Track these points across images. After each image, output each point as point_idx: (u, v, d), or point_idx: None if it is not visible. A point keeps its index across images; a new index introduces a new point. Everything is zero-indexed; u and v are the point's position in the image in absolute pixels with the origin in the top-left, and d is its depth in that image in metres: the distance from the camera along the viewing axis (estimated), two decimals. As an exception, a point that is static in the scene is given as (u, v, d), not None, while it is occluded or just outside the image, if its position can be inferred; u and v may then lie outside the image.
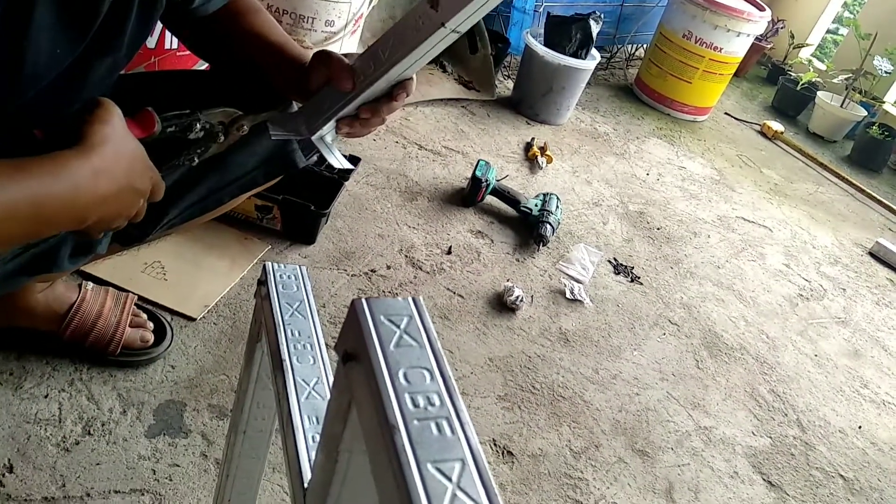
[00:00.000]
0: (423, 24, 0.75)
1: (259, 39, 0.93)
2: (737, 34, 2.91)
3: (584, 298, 1.76)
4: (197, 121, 0.81)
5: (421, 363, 0.39)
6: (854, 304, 2.19)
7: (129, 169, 0.68)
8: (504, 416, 1.37)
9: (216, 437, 1.13)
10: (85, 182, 0.63)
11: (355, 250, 1.65)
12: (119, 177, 0.67)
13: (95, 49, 0.75)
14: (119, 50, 0.79)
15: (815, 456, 1.55)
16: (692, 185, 2.58)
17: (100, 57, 0.77)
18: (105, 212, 0.68)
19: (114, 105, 0.69)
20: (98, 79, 0.80)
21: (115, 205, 0.69)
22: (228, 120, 0.85)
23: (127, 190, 0.69)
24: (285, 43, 0.93)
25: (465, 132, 2.37)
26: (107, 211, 0.68)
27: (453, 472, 0.34)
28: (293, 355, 0.62)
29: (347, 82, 0.82)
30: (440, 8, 0.73)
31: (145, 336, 1.19)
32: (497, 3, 0.74)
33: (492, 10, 3.04)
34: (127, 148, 0.69)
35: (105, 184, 0.65)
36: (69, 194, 0.62)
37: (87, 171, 0.63)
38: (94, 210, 0.66)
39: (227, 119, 0.85)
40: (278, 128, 0.87)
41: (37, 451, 1.02)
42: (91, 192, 0.64)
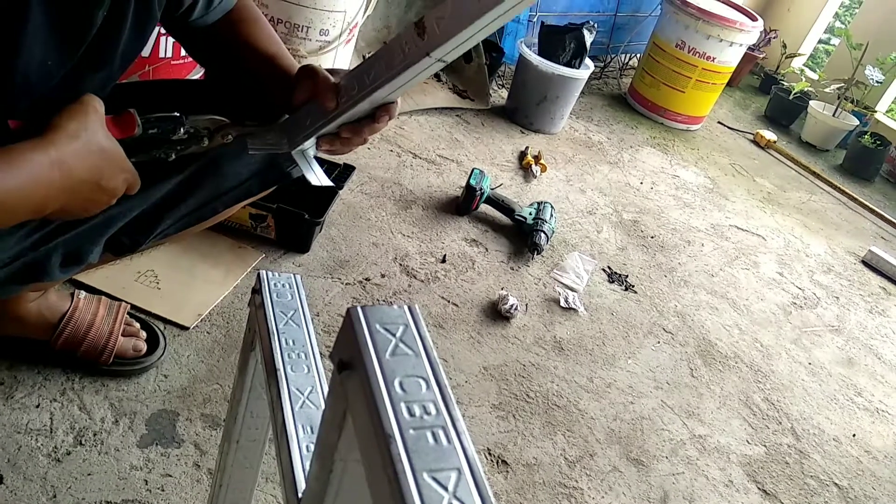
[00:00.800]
0: (410, 51, 0.74)
1: (253, 51, 0.93)
2: (729, 44, 2.93)
3: (579, 307, 1.76)
4: (182, 125, 0.80)
5: (417, 372, 0.39)
6: (847, 312, 2.20)
7: (95, 166, 0.68)
8: (498, 425, 1.36)
9: (209, 446, 1.12)
10: (43, 173, 0.63)
11: (349, 259, 1.65)
12: (81, 171, 0.67)
13: (88, 62, 0.75)
14: (112, 63, 0.79)
15: (809, 464, 1.55)
16: (686, 194, 2.59)
17: (92, 71, 0.77)
18: (64, 204, 0.68)
19: (94, 101, 0.69)
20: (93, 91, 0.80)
21: (76, 199, 0.68)
22: (214, 127, 0.85)
23: (90, 186, 0.69)
24: (278, 55, 0.93)
25: (460, 141, 2.37)
26: (67, 204, 0.68)
27: (449, 482, 0.34)
28: (287, 364, 0.62)
29: (331, 101, 0.81)
30: (427, 37, 0.72)
31: (138, 345, 1.18)
32: (483, 36, 0.74)
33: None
34: (97, 144, 0.68)
35: (64, 177, 0.65)
36: (27, 186, 0.62)
37: (45, 163, 0.63)
38: (54, 201, 0.66)
39: (214, 126, 0.85)
40: (257, 141, 0.86)
41: (28, 461, 1.01)
42: (48, 184, 0.64)
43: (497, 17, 0.69)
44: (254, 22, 0.95)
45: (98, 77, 0.78)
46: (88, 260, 0.88)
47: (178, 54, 1.64)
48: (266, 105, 0.93)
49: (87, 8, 0.70)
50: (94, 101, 0.69)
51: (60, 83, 0.73)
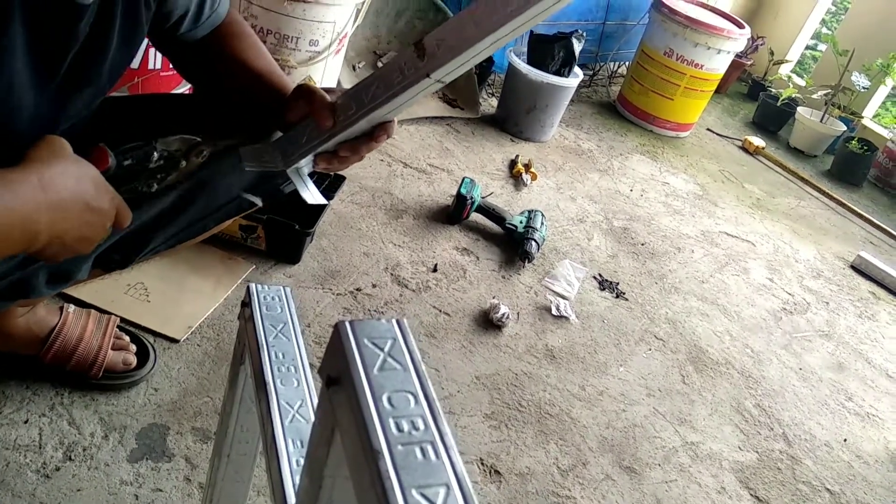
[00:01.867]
0: (409, 72, 0.75)
1: (243, 66, 0.92)
2: (717, 51, 2.95)
3: (570, 315, 1.76)
4: (153, 150, 0.80)
5: (405, 387, 0.39)
6: (837, 317, 2.21)
7: (77, 185, 0.67)
8: (491, 435, 1.36)
9: (200, 460, 1.11)
10: (29, 192, 0.62)
11: (340, 269, 1.64)
12: (65, 191, 0.65)
13: (75, 79, 0.75)
14: (99, 79, 0.78)
15: (801, 470, 1.55)
16: (675, 201, 2.60)
17: (78, 88, 0.77)
18: (58, 229, 0.66)
19: (59, 137, 0.68)
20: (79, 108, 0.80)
21: (68, 221, 0.67)
22: (186, 147, 0.84)
23: (79, 206, 0.67)
24: (268, 71, 0.93)
25: (450, 150, 2.38)
26: (60, 228, 0.66)
27: (438, 498, 0.34)
28: (277, 378, 0.61)
29: (328, 120, 0.81)
30: (427, 58, 0.73)
31: (128, 359, 1.17)
32: (482, 58, 0.75)
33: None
34: (73, 168, 0.67)
35: (49, 198, 0.64)
36: (15, 208, 0.61)
37: (29, 185, 0.62)
38: (44, 225, 0.64)
39: (185, 146, 0.84)
40: (252, 158, 0.86)
41: (16, 478, 1.01)
42: (36, 202, 0.63)
43: (497, 40, 0.70)
44: (243, 37, 0.95)
45: (86, 94, 0.78)
46: (77, 277, 0.87)
47: (168, 66, 1.63)
48: (256, 121, 0.93)
49: (69, 21, 0.69)
50: (59, 138, 0.68)
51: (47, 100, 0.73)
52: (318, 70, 1.98)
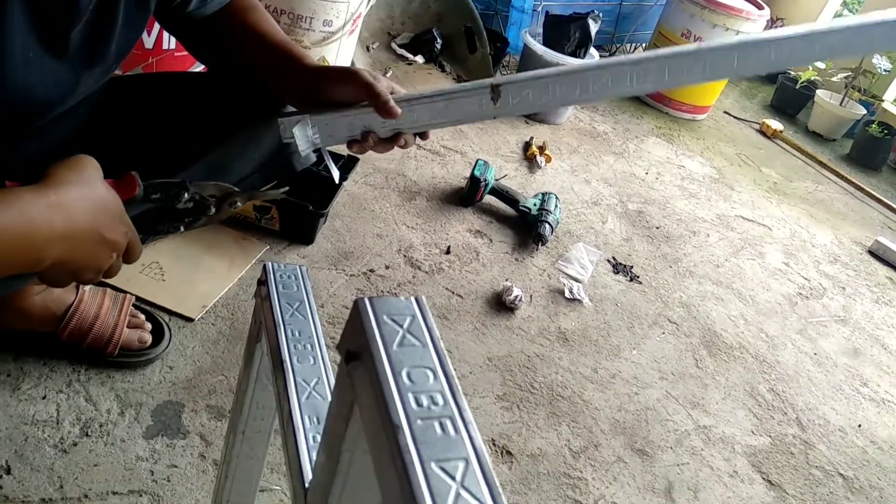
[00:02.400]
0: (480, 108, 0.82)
1: (258, 39, 0.90)
2: (735, 33, 2.91)
3: (583, 298, 1.75)
4: (186, 190, 0.78)
5: (424, 363, 0.39)
6: (853, 302, 2.19)
7: (94, 214, 0.65)
8: (503, 416, 1.37)
9: (214, 437, 1.12)
10: (39, 216, 0.60)
11: (354, 250, 1.65)
12: (81, 218, 0.64)
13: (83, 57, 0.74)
14: (107, 57, 0.78)
15: (814, 455, 1.55)
16: (691, 184, 2.58)
17: (88, 66, 0.76)
18: (66, 254, 0.64)
19: (90, 158, 0.67)
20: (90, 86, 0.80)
21: (78, 250, 0.65)
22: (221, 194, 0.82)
23: (91, 235, 0.65)
24: (284, 41, 0.91)
25: (464, 132, 2.37)
26: (68, 254, 0.64)
27: (457, 472, 0.33)
28: (293, 355, 0.62)
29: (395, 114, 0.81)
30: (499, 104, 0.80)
31: (143, 337, 1.18)
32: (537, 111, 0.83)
33: (490, 10, 3.02)
34: (95, 194, 0.65)
35: (62, 221, 0.62)
36: (22, 227, 0.58)
37: (42, 205, 0.60)
38: (52, 248, 0.62)
39: (220, 193, 0.82)
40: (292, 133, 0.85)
41: (34, 452, 1.02)
42: (47, 227, 0.61)
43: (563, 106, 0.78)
44: (255, 10, 0.93)
45: (95, 72, 0.78)
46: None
47: (181, 47, 1.63)
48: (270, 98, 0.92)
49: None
50: (89, 158, 0.67)
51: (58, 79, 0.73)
52: (331, 50, 1.97)
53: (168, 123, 0.91)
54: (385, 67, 2.44)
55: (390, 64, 2.48)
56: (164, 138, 0.90)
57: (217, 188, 0.82)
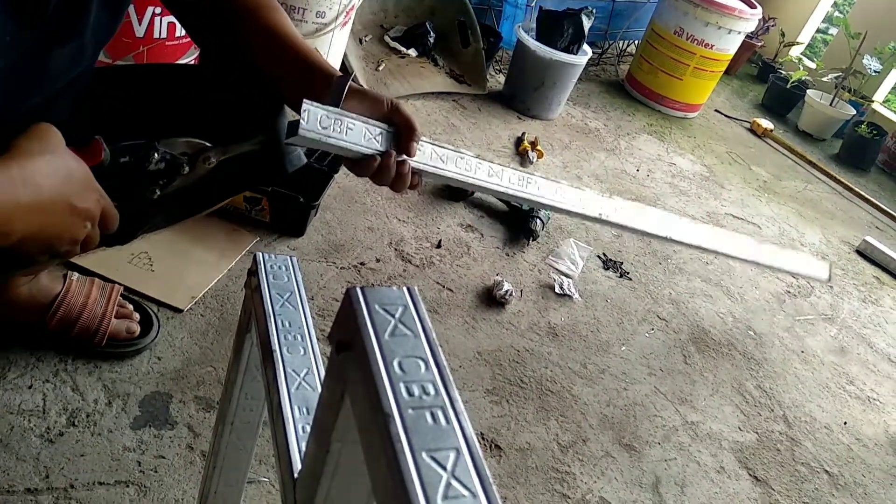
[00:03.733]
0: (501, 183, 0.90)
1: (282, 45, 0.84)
2: (728, 31, 2.92)
3: (573, 293, 1.76)
4: (155, 150, 0.75)
5: (416, 353, 0.38)
6: (841, 301, 2.21)
7: (61, 183, 0.63)
8: (492, 410, 1.37)
9: (202, 428, 1.12)
10: (6, 190, 0.58)
11: (344, 243, 1.64)
12: (47, 188, 0.62)
13: (54, 33, 0.71)
14: (82, 35, 0.74)
15: (800, 451, 1.56)
16: (682, 182, 2.59)
17: (59, 43, 0.73)
18: (35, 227, 0.62)
19: (51, 126, 0.65)
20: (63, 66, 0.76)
21: (48, 221, 0.63)
22: (192, 151, 0.78)
23: (60, 206, 0.64)
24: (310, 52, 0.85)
25: (456, 126, 2.36)
26: (37, 226, 0.63)
27: (448, 461, 0.33)
28: (283, 346, 0.61)
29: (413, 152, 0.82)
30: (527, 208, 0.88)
31: (131, 327, 1.17)
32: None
33: (484, 4, 3.01)
34: (59, 162, 0.64)
35: (27, 193, 0.60)
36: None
37: (4, 179, 0.58)
38: (18, 222, 0.60)
39: (192, 150, 0.78)
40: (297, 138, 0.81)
41: (20, 441, 1.01)
42: (10, 201, 0.59)
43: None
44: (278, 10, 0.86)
45: (68, 48, 0.74)
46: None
47: (173, 35, 1.62)
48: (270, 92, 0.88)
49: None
50: (50, 126, 0.65)
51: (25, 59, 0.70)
52: (324, 42, 1.96)
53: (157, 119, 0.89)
54: (378, 60, 2.43)
55: (383, 57, 2.47)
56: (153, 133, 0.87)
57: (188, 145, 0.78)
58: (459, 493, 0.32)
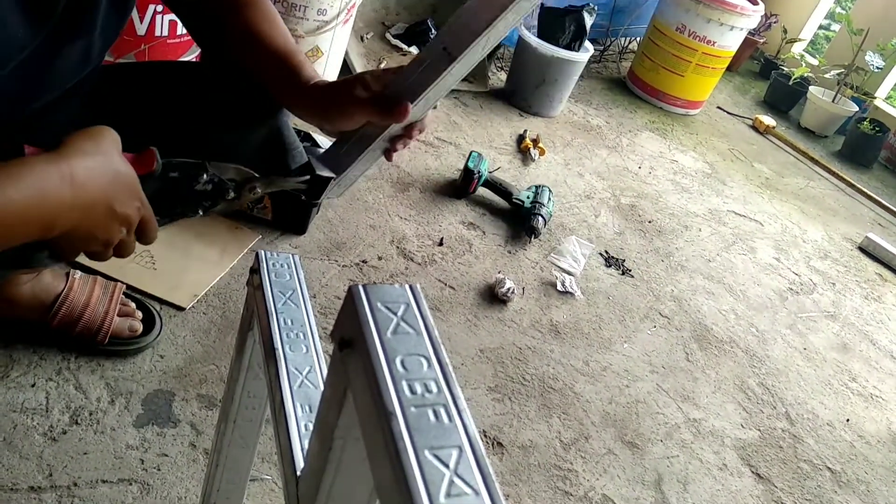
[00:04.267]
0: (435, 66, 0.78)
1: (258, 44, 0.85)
2: (730, 28, 2.91)
3: (576, 291, 1.76)
4: (205, 171, 0.76)
5: (418, 350, 0.38)
6: (843, 298, 2.20)
7: (106, 185, 0.64)
8: (494, 408, 1.37)
9: (205, 427, 1.12)
10: (52, 187, 0.59)
11: (346, 241, 1.64)
12: (94, 190, 0.63)
13: (65, 28, 0.71)
14: (92, 31, 0.75)
15: (803, 449, 1.56)
16: (684, 179, 2.59)
17: (70, 39, 0.73)
18: (76, 225, 0.63)
19: (110, 129, 0.66)
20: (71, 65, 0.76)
21: (87, 219, 0.64)
22: (241, 178, 0.79)
23: (101, 206, 0.64)
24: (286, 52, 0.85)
25: (458, 123, 2.36)
26: (78, 225, 0.64)
27: (451, 459, 0.33)
28: (286, 344, 0.61)
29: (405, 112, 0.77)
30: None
31: (134, 325, 1.18)
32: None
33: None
34: (109, 165, 0.64)
35: (76, 194, 0.61)
36: (34, 199, 0.58)
37: (55, 177, 0.60)
38: (63, 219, 0.62)
39: (240, 177, 0.79)
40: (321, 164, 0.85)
41: (23, 440, 1.01)
42: (57, 198, 0.60)
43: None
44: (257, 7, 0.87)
45: (78, 45, 0.75)
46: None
47: (175, 33, 1.62)
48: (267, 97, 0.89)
49: None
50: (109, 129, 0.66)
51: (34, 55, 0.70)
52: (325, 40, 1.96)
53: (161, 117, 0.89)
54: (379, 58, 2.43)
55: (384, 54, 2.47)
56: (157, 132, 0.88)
57: (237, 172, 0.79)
58: (462, 491, 0.32)
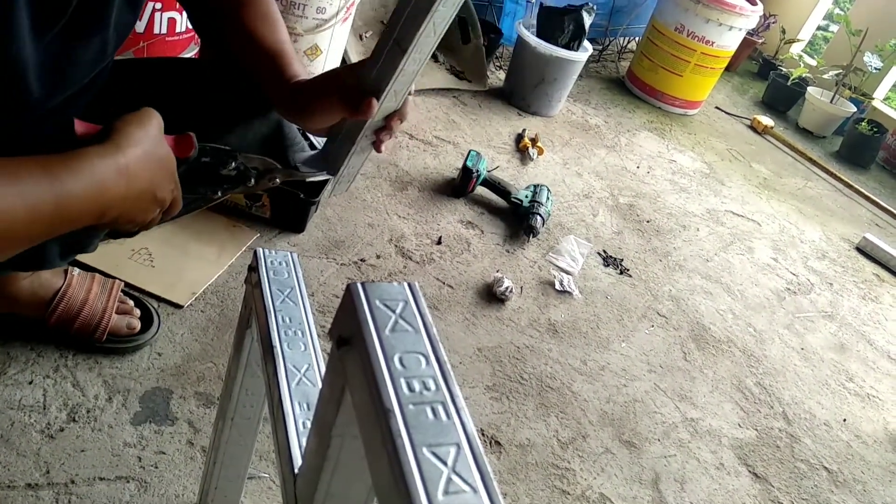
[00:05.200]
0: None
1: (250, 42, 0.87)
2: (728, 28, 2.92)
3: (574, 290, 1.76)
4: (234, 159, 0.81)
5: (416, 348, 0.38)
6: (841, 298, 2.21)
7: (153, 173, 0.67)
8: (492, 407, 1.37)
9: (203, 424, 1.12)
10: (111, 180, 0.62)
11: (345, 239, 1.64)
12: (144, 179, 0.66)
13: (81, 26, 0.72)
14: (107, 29, 0.76)
15: (800, 448, 1.56)
16: (682, 179, 2.59)
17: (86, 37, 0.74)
18: (124, 210, 0.67)
19: (156, 113, 0.68)
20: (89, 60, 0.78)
21: (135, 207, 0.67)
22: (263, 168, 0.85)
23: (149, 195, 0.68)
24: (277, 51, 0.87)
25: (457, 122, 2.36)
26: (126, 210, 0.67)
27: (448, 457, 0.33)
28: (284, 341, 0.61)
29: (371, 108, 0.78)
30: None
31: (132, 323, 1.17)
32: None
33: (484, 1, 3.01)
34: (158, 153, 0.68)
35: (129, 184, 0.65)
36: (93, 192, 0.61)
37: (112, 170, 0.62)
38: (116, 208, 0.65)
39: (263, 167, 0.85)
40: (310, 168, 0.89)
41: (20, 437, 1.01)
42: (115, 191, 0.63)
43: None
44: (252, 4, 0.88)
45: (92, 44, 0.76)
46: (88, 250, 0.87)
47: (173, 31, 1.62)
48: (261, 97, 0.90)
49: None
50: (154, 112, 0.69)
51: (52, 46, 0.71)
52: (324, 38, 1.96)
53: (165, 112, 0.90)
54: (378, 56, 2.42)
55: (383, 53, 2.46)
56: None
57: (261, 162, 0.84)
58: (460, 489, 0.32)
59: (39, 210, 0.57)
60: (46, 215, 0.58)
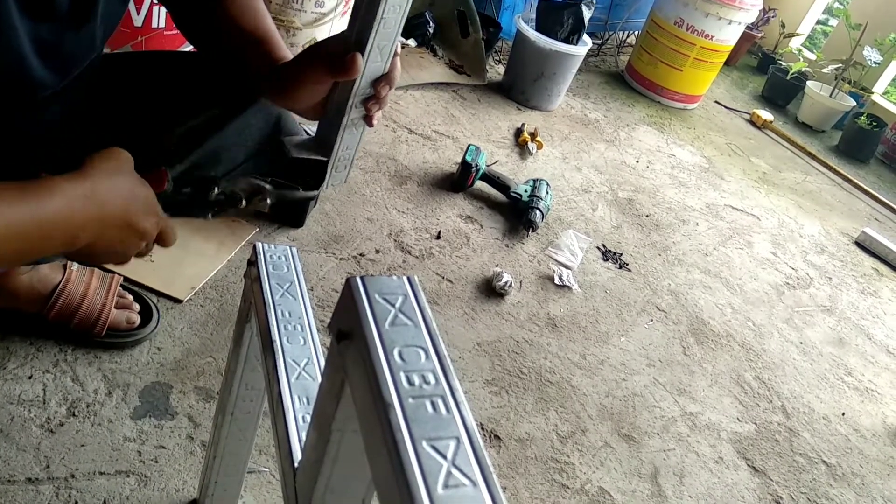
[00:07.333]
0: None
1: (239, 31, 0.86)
2: (728, 22, 2.91)
3: (573, 284, 1.76)
4: (216, 185, 0.80)
5: (416, 342, 0.38)
6: (840, 292, 2.21)
7: (125, 203, 0.68)
8: (492, 401, 1.37)
9: (202, 419, 1.12)
10: (78, 203, 0.64)
11: (344, 234, 1.64)
12: (116, 206, 0.67)
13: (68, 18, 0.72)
14: (94, 20, 0.75)
15: (798, 442, 1.57)
16: (681, 173, 2.59)
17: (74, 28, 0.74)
18: (98, 238, 0.67)
19: (124, 151, 0.70)
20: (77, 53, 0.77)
21: (106, 233, 0.68)
22: (251, 189, 0.84)
23: (120, 222, 0.68)
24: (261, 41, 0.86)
25: (456, 117, 2.36)
26: (100, 238, 0.67)
27: (448, 450, 0.33)
28: (283, 336, 0.61)
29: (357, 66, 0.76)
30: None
31: (131, 317, 1.17)
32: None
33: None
34: (128, 182, 0.69)
35: (101, 209, 0.66)
36: (61, 216, 0.63)
37: (80, 194, 0.64)
38: (86, 234, 0.66)
39: (251, 188, 0.84)
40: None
41: (20, 432, 1.01)
42: (83, 216, 0.65)
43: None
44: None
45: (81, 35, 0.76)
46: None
47: (171, 25, 1.61)
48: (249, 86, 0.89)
49: None
50: (122, 150, 0.70)
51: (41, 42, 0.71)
52: (323, 32, 1.95)
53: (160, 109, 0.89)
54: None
55: (382, 47, 2.46)
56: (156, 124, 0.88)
57: (247, 184, 0.83)
58: (460, 482, 0.32)
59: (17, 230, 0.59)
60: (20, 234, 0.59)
